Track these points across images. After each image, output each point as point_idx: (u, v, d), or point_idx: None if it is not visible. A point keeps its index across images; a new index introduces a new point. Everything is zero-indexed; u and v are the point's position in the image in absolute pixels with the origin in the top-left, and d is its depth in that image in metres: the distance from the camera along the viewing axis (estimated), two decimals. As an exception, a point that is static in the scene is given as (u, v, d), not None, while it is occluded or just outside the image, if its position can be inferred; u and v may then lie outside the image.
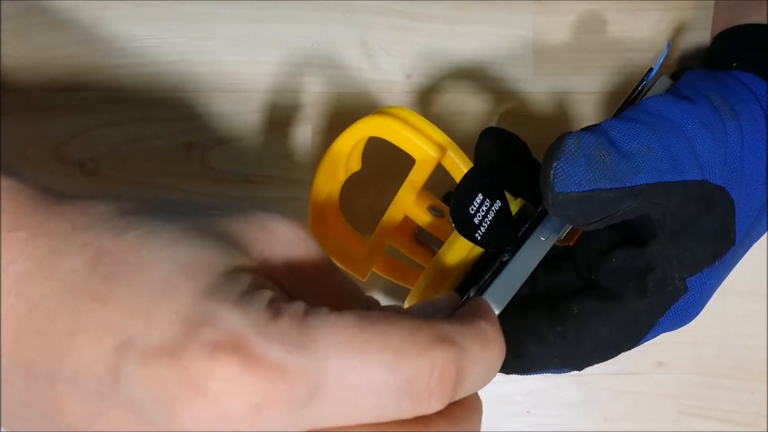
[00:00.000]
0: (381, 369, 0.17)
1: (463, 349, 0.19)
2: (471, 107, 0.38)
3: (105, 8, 0.36)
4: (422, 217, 0.30)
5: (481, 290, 0.27)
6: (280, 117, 0.37)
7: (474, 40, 0.38)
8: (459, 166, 0.29)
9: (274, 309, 0.17)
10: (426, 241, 0.31)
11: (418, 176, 0.29)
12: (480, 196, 0.27)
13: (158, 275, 0.17)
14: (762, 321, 0.39)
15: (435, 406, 0.18)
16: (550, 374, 0.30)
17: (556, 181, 0.25)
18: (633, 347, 0.30)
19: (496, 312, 0.26)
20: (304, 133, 0.37)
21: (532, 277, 0.32)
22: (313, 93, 0.37)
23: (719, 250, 0.28)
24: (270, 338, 0.17)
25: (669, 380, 0.39)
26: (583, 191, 0.25)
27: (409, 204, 0.29)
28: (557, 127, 0.38)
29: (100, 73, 0.36)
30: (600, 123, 0.27)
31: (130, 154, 0.37)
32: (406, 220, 0.30)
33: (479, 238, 0.26)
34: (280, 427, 0.17)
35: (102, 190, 0.37)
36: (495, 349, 0.20)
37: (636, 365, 0.39)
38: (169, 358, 0.16)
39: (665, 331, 0.30)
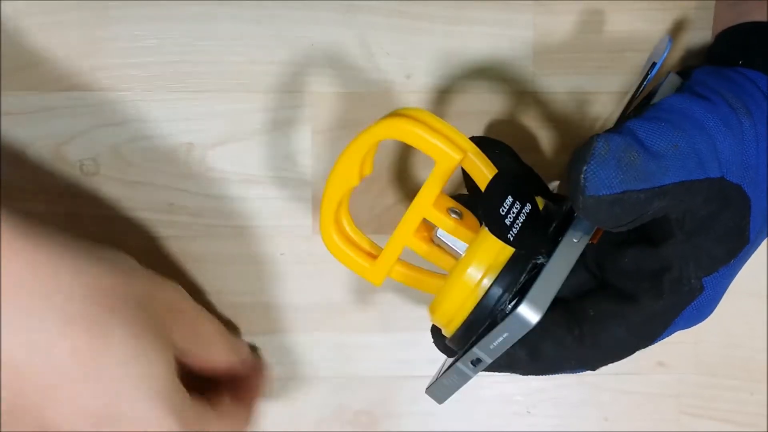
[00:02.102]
0: None
1: None
2: (471, 107, 0.38)
3: (105, 8, 0.36)
4: (442, 219, 0.29)
5: (520, 295, 0.26)
6: (280, 117, 0.37)
7: (474, 40, 0.38)
8: (480, 168, 0.28)
9: None
10: (444, 245, 0.31)
11: (438, 178, 0.29)
12: (510, 199, 0.27)
13: None
14: (762, 321, 0.39)
15: None
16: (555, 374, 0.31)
17: (587, 184, 0.25)
18: (648, 346, 0.30)
19: (538, 317, 0.26)
20: (304, 133, 0.37)
21: None
22: (313, 93, 0.37)
23: (735, 248, 0.28)
24: None
25: (669, 380, 0.39)
26: (614, 194, 0.25)
27: (428, 206, 0.29)
28: (557, 126, 0.38)
29: (100, 73, 0.36)
30: (625, 123, 0.27)
31: (130, 154, 0.37)
32: (424, 223, 0.30)
33: (512, 239, 0.26)
34: None
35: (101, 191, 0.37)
36: None
37: (636, 365, 0.39)
38: None
39: (680, 329, 0.30)
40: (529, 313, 0.26)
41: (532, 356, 0.29)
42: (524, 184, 0.28)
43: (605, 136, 0.26)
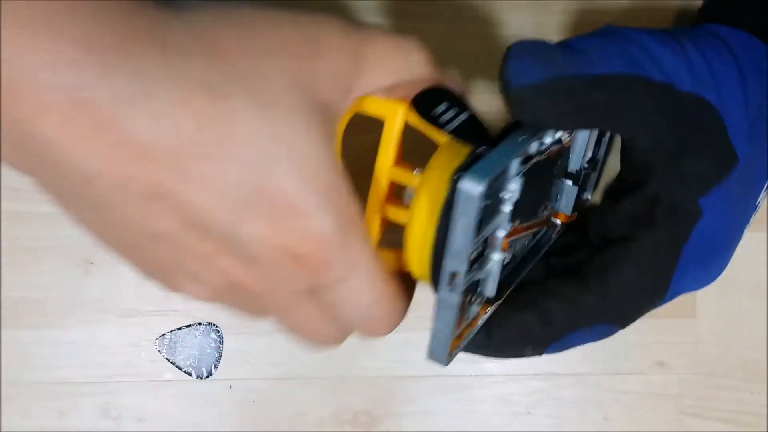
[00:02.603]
0: None
1: None
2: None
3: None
4: (408, 176, 0.27)
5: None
6: (280, 117, 0.37)
7: (474, 40, 0.38)
8: (421, 120, 0.27)
9: None
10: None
11: (390, 134, 0.27)
12: (444, 104, 0.26)
13: None
14: (762, 321, 0.39)
15: None
16: (581, 347, 0.29)
17: (510, 77, 0.24)
18: (665, 294, 0.28)
19: (479, 182, 0.23)
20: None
21: (547, 262, 0.31)
22: (313, 93, 0.37)
23: (721, 163, 0.27)
24: None
25: (669, 380, 0.39)
26: (540, 81, 0.24)
27: (391, 167, 0.27)
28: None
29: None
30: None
31: (130, 154, 0.37)
32: (391, 190, 0.28)
33: (449, 130, 0.25)
34: None
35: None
36: None
37: (636, 365, 0.39)
38: None
39: (697, 276, 0.28)
40: (470, 183, 0.23)
41: (542, 319, 0.28)
42: (461, 99, 0.26)
43: (520, 41, 0.25)
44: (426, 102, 0.26)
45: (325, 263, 0.22)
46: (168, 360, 0.39)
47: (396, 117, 0.27)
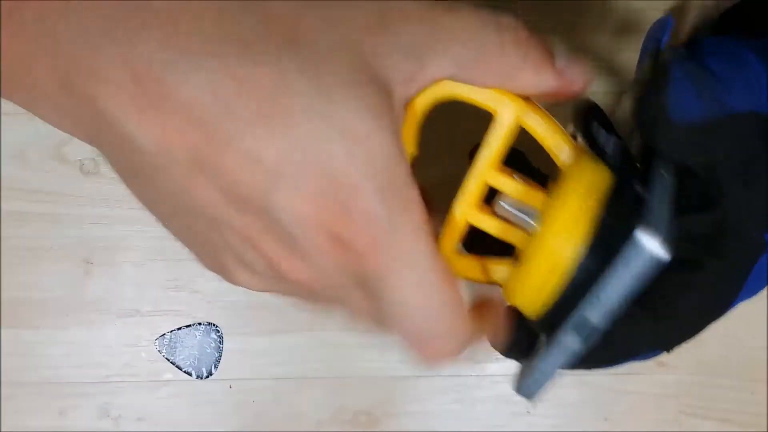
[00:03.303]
0: None
1: None
2: (472, 108, 0.38)
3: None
4: (509, 183, 0.24)
5: (630, 221, 0.22)
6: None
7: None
8: (542, 123, 0.24)
9: None
10: (511, 215, 0.25)
11: (499, 134, 0.24)
12: (595, 124, 0.24)
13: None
14: (762, 321, 0.39)
15: None
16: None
17: (672, 111, 0.22)
18: (720, 317, 0.28)
19: (668, 247, 0.22)
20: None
21: None
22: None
23: None
24: None
25: (669, 380, 0.39)
26: (700, 119, 0.22)
27: (491, 169, 0.24)
28: (557, 127, 0.38)
29: (100, 73, 0.36)
30: (693, 43, 0.25)
31: (130, 154, 0.37)
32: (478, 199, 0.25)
33: (610, 162, 0.23)
34: None
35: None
36: None
37: (636, 365, 0.39)
38: None
39: (747, 296, 0.28)
40: (656, 245, 0.21)
41: (606, 343, 0.26)
42: (607, 118, 0.24)
43: (678, 60, 0.23)
44: (583, 120, 0.24)
45: (370, 247, 0.20)
46: (168, 360, 0.39)
47: (512, 115, 0.24)
